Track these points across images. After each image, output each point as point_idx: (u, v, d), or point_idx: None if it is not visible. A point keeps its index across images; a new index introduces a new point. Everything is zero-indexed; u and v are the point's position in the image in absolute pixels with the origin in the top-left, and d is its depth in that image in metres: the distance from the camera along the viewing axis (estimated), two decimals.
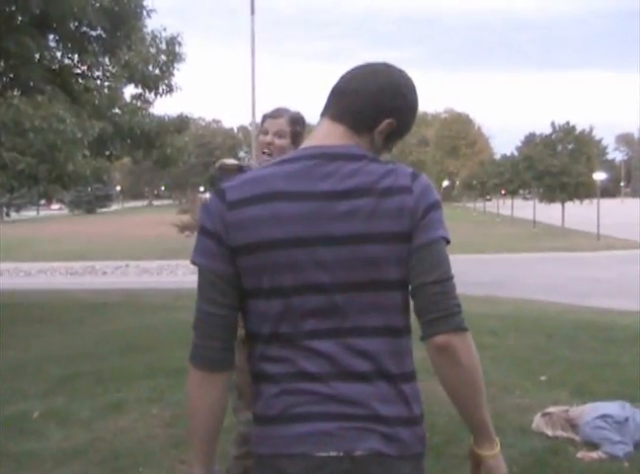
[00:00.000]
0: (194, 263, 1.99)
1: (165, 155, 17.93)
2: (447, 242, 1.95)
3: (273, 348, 1.95)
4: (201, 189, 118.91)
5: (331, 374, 1.90)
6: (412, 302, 1.97)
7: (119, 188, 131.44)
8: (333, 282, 1.90)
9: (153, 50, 17.28)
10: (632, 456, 5.39)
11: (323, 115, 2.08)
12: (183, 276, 28.50)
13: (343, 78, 2.08)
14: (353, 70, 2.09)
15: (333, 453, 1.87)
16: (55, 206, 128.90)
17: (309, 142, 2.04)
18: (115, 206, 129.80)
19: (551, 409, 6.04)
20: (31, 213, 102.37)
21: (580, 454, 5.44)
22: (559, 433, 5.81)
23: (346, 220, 1.89)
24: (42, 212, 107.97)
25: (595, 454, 5.42)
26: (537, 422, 5.96)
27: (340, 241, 1.89)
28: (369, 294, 1.91)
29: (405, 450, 1.92)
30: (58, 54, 16.27)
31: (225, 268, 1.93)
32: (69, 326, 14.14)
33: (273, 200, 1.91)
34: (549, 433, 5.83)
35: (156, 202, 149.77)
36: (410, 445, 1.93)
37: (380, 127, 2.02)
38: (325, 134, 2.02)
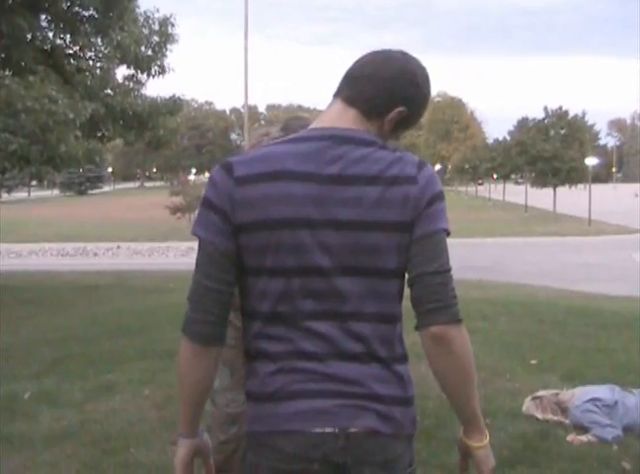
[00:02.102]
0: (195, 235, 1.98)
1: (157, 137, 17.89)
2: (448, 234, 1.97)
3: (271, 326, 1.95)
4: (193, 170, 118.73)
5: (328, 354, 1.91)
6: (408, 291, 1.97)
7: (110, 169, 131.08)
8: (335, 266, 1.90)
9: (146, 31, 17.19)
10: (621, 440, 5.42)
11: (335, 96, 2.07)
12: (174, 257, 28.52)
13: (358, 62, 2.07)
14: (369, 55, 2.07)
15: (328, 429, 1.88)
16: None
17: (319, 123, 2.03)
18: (106, 188, 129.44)
19: (541, 392, 6.06)
20: (22, 194, 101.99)
21: (569, 438, 5.47)
22: (549, 416, 5.84)
23: (351, 206, 1.89)
24: (34, 194, 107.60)
25: (584, 438, 5.45)
26: (527, 405, 5.98)
27: (344, 226, 1.89)
28: (369, 281, 1.92)
29: (399, 430, 1.94)
30: (50, 35, 16.21)
31: (227, 244, 1.92)
32: (60, 308, 14.13)
33: (282, 180, 1.90)
34: (539, 416, 5.85)
35: (148, 184, 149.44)
36: (403, 425, 1.95)
37: (391, 115, 2.00)
38: (336, 117, 2.01)
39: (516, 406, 6.11)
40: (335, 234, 1.89)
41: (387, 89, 1.99)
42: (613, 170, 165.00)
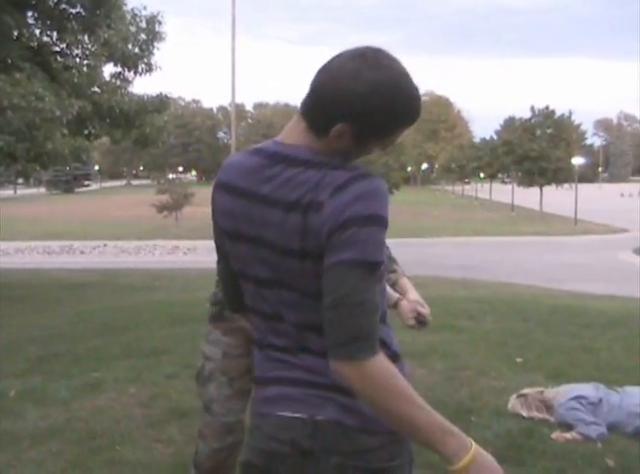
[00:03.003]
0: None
1: (144, 135, 17.86)
2: (364, 263, 1.76)
3: (253, 317, 2.06)
4: (180, 169, 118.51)
5: (295, 348, 1.96)
6: None
7: (97, 167, 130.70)
8: (269, 278, 1.93)
9: (133, 29, 17.15)
10: (605, 437, 5.44)
11: (301, 102, 1.98)
12: (160, 256, 28.48)
13: (318, 70, 1.93)
14: (324, 64, 1.92)
15: (297, 415, 1.92)
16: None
17: (280, 134, 2.00)
18: (93, 186, 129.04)
19: (526, 390, 6.08)
20: (8, 192, 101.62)
21: (554, 435, 5.49)
22: (534, 414, 5.86)
23: (275, 230, 1.87)
24: (20, 192, 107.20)
25: (568, 435, 5.47)
26: (513, 403, 6.01)
27: (270, 247, 1.89)
28: (297, 296, 1.91)
29: (368, 425, 1.90)
30: (37, 32, 16.18)
31: (216, 236, 2.08)
32: (46, 306, 14.10)
33: (228, 192, 1.97)
34: (524, 414, 5.87)
35: (135, 182, 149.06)
36: (375, 421, 1.88)
37: (333, 132, 1.85)
38: (289, 129, 1.96)
39: (501, 404, 6.13)
40: (265, 251, 1.91)
41: (321, 105, 1.87)
42: (599, 170, 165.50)
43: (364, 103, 1.83)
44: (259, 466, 2.02)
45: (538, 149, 53.20)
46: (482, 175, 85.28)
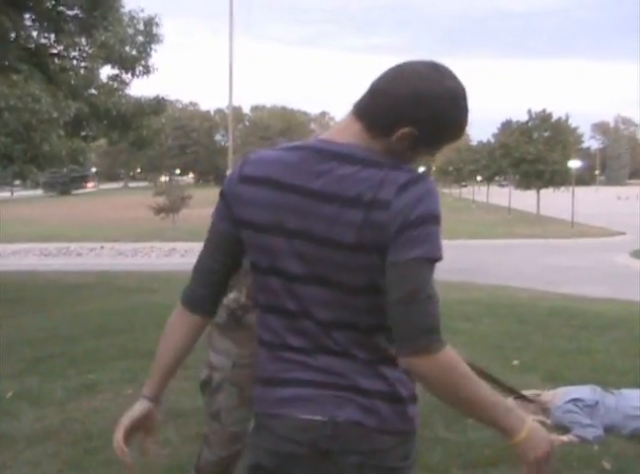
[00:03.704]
0: (212, 217, 2.16)
1: (141, 137, 17.85)
2: (431, 260, 1.88)
3: (266, 316, 2.06)
4: (177, 171, 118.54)
5: (314, 349, 1.98)
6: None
7: (94, 169, 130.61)
8: (305, 273, 1.95)
9: (130, 31, 17.15)
10: (602, 440, 5.45)
11: (353, 106, 2.03)
12: (157, 258, 28.45)
13: (382, 74, 2.00)
14: (395, 67, 1.99)
15: (317, 417, 1.95)
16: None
17: (327, 133, 2.04)
18: (88, 189, 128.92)
19: (523, 392, 6.08)
20: (5, 194, 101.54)
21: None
22: (530, 416, 5.86)
23: (327, 224, 1.90)
24: (17, 193, 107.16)
25: (565, 438, 5.48)
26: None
27: (318, 241, 1.92)
28: (334, 292, 1.94)
29: (385, 425, 1.95)
30: (34, 34, 16.19)
31: (228, 229, 2.08)
32: (43, 307, 14.07)
33: (267, 186, 1.97)
34: None
35: (132, 184, 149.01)
36: (391, 421, 1.96)
37: (397, 135, 1.93)
38: (342, 129, 2.01)
39: None
40: (308, 245, 1.93)
41: (392, 108, 1.92)
42: (596, 173, 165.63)
43: (440, 109, 1.93)
44: (270, 468, 2.04)
45: (535, 152, 53.21)
46: (479, 178, 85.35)
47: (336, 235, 1.89)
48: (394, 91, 1.92)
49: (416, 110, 1.92)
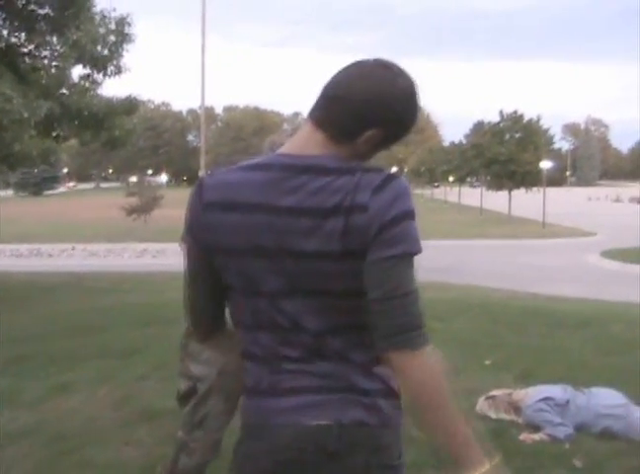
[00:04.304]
0: (181, 245, 2.15)
1: (113, 137, 17.73)
2: (411, 255, 1.90)
3: (255, 334, 2.06)
4: (149, 172, 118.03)
5: (309, 357, 1.99)
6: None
7: (66, 170, 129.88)
8: (290, 289, 1.96)
9: (102, 30, 17.02)
10: (573, 438, 5.50)
11: (309, 115, 2.03)
12: (129, 259, 28.33)
13: (334, 79, 2.00)
14: (345, 70, 2.00)
15: (323, 422, 1.96)
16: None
17: (288, 147, 2.03)
18: (61, 189, 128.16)
19: (495, 392, 6.12)
20: None
21: (522, 436, 5.53)
22: (502, 415, 5.91)
23: (305, 237, 1.90)
24: None
25: (536, 436, 5.52)
26: (481, 405, 6.04)
27: (299, 256, 1.92)
28: (322, 300, 1.96)
29: (385, 420, 1.99)
30: (5, 33, 16.03)
31: (204, 266, 2.06)
32: (16, 307, 13.98)
33: (237, 210, 1.95)
34: (493, 415, 5.92)
35: (104, 185, 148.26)
36: (390, 416, 2.01)
37: (364, 138, 1.95)
38: (304, 141, 1.99)
39: (469, 405, 6.16)
40: (289, 261, 1.93)
41: (357, 113, 1.94)
42: (567, 173, 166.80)
43: (401, 107, 1.97)
44: None
45: (507, 153, 53.38)
46: (451, 178, 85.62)
47: (319, 247, 1.89)
48: (354, 96, 1.93)
49: (379, 112, 1.94)
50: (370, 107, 1.93)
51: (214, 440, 3.79)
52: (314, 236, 1.89)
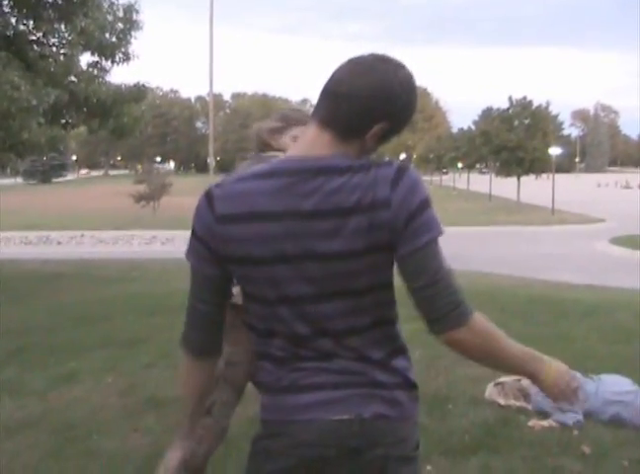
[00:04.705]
0: (187, 259, 2.11)
1: (121, 125, 17.70)
2: (437, 239, 1.97)
3: (271, 340, 2.07)
4: (158, 159, 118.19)
5: (328, 356, 2.02)
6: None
7: (74, 157, 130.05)
8: (316, 293, 1.97)
9: (110, 18, 16.98)
10: (581, 425, 5.48)
11: (313, 117, 2.02)
12: (138, 246, 28.39)
13: (334, 76, 2.00)
14: (345, 67, 2.00)
15: (345, 416, 1.98)
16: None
17: (295, 150, 2.03)
18: (70, 176, 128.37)
19: (503, 378, 6.11)
20: None
21: (531, 423, 5.53)
22: (511, 402, 5.90)
23: (329, 238, 1.91)
24: None
25: (545, 423, 5.51)
26: (490, 391, 6.04)
27: (323, 257, 1.93)
28: (348, 300, 1.99)
29: (404, 412, 2.04)
30: (13, 20, 16.00)
31: (212, 271, 2.05)
32: (23, 297, 14.02)
33: (257, 220, 1.95)
34: (501, 402, 5.91)
35: (112, 172, 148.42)
36: (408, 408, 2.05)
37: (372, 132, 1.97)
38: (311, 143, 1.99)
39: (478, 392, 6.16)
40: (314, 265, 1.94)
41: (364, 109, 1.95)
42: (576, 160, 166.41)
43: (405, 98, 1.99)
44: (298, 471, 2.05)
45: (516, 139, 53.30)
46: (460, 165, 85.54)
47: (344, 246, 1.91)
48: (358, 92, 1.94)
49: (385, 105, 1.95)
50: (376, 101, 1.94)
51: (222, 428, 3.88)
52: (338, 236, 1.91)
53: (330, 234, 1.91)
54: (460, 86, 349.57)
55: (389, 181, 1.90)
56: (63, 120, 17.11)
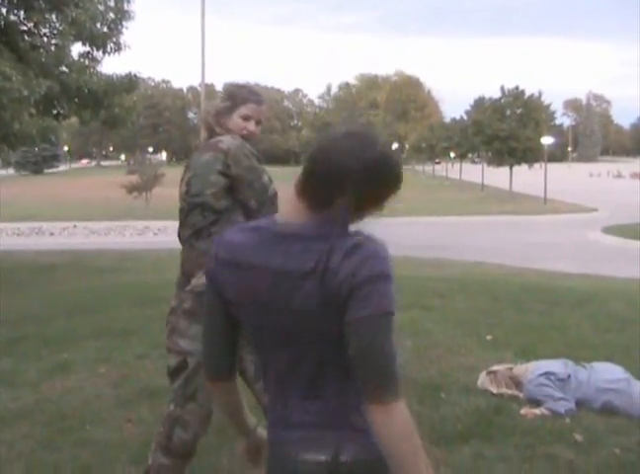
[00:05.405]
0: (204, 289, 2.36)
1: (113, 115, 17.67)
2: (382, 315, 2.00)
3: (264, 371, 2.27)
4: (150, 149, 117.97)
5: (309, 396, 2.15)
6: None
7: (66, 148, 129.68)
8: (282, 341, 2.14)
9: (101, 8, 16.92)
10: (573, 413, 5.51)
11: (294, 187, 2.17)
12: (130, 236, 28.36)
13: (312, 150, 2.16)
14: (319, 142, 2.17)
15: (322, 457, 2.08)
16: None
17: (280, 215, 2.22)
18: (62, 167, 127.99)
19: (496, 367, 6.14)
20: None
21: (523, 411, 5.55)
22: (503, 390, 5.92)
23: (290, 296, 2.06)
24: None
25: (537, 411, 5.54)
26: (482, 379, 6.06)
27: (287, 311, 2.08)
28: (308, 351, 2.12)
29: (380, 454, 2.04)
30: (4, 11, 15.95)
31: (218, 304, 2.23)
32: (16, 288, 14.00)
33: (241, 268, 2.15)
34: (494, 390, 5.93)
35: (104, 163, 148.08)
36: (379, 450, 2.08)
37: (335, 205, 2.07)
38: (290, 209, 2.16)
39: (470, 381, 6.18)
40: (279, 316, 2.11)
41: (326, 183, 2.08)
42: (569, 149, 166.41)
43: (366, 176, 2.08)
44: None
45: (508, 129, 53.27)
46: (452, 155, 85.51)
47: (303, 305, 2.04)
48: (321, 168, 2.09)
49: (344, 181, 2.07)
50: (334, 176, 2.07)
51: (207, 412, 3.86)
52: (297, 295, 2.05)
53: (290, 292, 2.06)
54: (453, 76, 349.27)
55: (343, 251, 2.01)
56: (55, 111, 17.07)
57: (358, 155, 2.09)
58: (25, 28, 16.39)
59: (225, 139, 3.78)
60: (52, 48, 16.54)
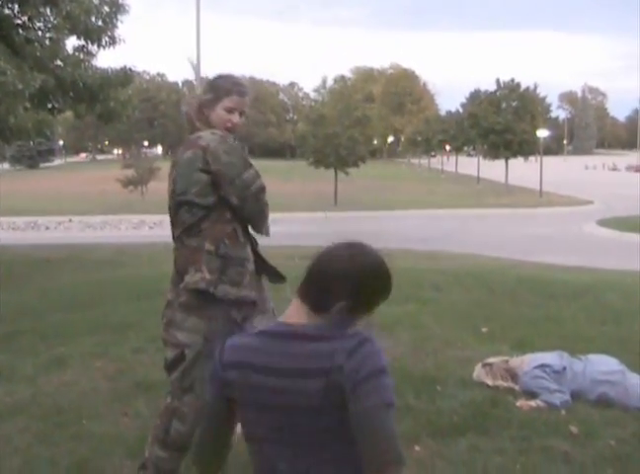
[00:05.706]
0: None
1: (108, 109, 17.64)
2: (385, 405, 2.18)
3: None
4: (145, 143, 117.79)
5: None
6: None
7: (61, 142, 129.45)
8: (275, 439, 2.29)
9: (96, 1, 16.88)
10: (569, 405, 5.52)
11: (297, 292, 2.37)
12: (126, 230, 28.36)
13: (313, 260, 2.37)
14: (319, 256, 2.36)
15: None
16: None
17: (284, 317, 2.38)
18: (57, 161, 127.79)
19: (491, 359, 6.14)
20: None
21: (519, 403, 5.55)
22: (499, 382, 5.92)
23: (293, 394, 2.23)
24: None
25: (533, 403, 5.54)
26: (478, 372, 6.06)
27: (288, 410, 2.25)
28: (299, 448, 2.28)
29: None
30: None
31: (220, 404, 2.41)
32: (12, 283, 13.99)
33: (245, 370, 2.31)
34: (489, 382, 5.93)
35: (100, 157, 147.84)
36: None
37: (335, 309, 2.28)
38: (295, 312, 2.35)
39: (466, 373, 6.18)
40: (281, 415, 2.27)
41: (324, 290, 2.30)
42: (564, 142, 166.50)
43: (361, 283, 2.32)
44: None
45: (503, 122, 53.31)
46: (448, 147, 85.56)
47: (304, 402, 2.22)
48: (319, 276, 2.33)
49: (341, 287, 2.29)
50: (332, 284, 2.30)
51: (204, 404, 3.84)
52: (300, 393, 2.22)
53: (293, 391, 2.23)
54: (448, 69, 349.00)
55: (347, 351, 2.20)
56: (50, 105, 17.05)
57: (355, 262, 2.32)
58: (19, 21, 16.35)
59: (205, 135, 3.77)
60: (47, 42, 16.51)
